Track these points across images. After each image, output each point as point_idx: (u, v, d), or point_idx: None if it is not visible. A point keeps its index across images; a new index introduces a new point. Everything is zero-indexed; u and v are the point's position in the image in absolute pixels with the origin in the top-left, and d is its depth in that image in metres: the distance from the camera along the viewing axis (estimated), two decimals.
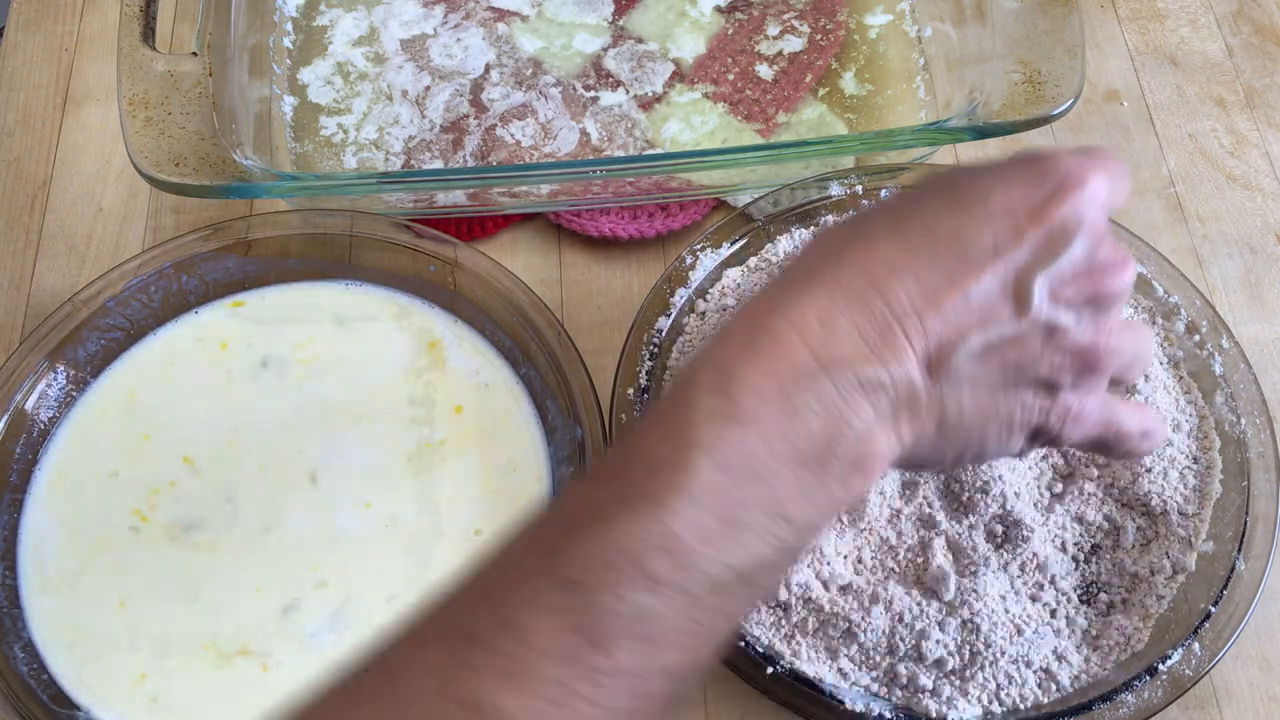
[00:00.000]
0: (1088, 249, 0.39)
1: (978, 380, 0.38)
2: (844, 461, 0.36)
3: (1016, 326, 0.38)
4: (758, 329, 0.37)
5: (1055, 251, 0.38)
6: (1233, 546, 0.52)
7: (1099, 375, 0.40)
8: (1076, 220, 0.38)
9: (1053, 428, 0.40)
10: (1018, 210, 0.38)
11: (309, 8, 0.71)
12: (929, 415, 0.38)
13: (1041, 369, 0.39)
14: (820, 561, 0.51)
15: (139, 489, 0.56)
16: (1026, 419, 0.40)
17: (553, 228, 0.66)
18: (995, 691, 0.49)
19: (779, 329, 0.36)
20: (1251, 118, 0.70)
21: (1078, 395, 0.40)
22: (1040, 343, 0.39)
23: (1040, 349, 0.39)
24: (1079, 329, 0.39)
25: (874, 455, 0.37)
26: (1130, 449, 0.44)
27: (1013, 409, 0.39)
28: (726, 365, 0.36)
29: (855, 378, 0.36)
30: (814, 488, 0.36)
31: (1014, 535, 0.52)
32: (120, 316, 0.59)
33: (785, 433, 0.35)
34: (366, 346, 0.60)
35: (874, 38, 0.70)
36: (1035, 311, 0.38)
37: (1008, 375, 0.39)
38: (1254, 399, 0.55)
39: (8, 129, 0.69)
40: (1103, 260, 0.39)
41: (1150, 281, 0.59)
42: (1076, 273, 0.39)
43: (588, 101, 0.68)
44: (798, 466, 0.35)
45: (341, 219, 0.61)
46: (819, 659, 0.50)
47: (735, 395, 0.35)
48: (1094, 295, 0.39)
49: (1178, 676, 0.49)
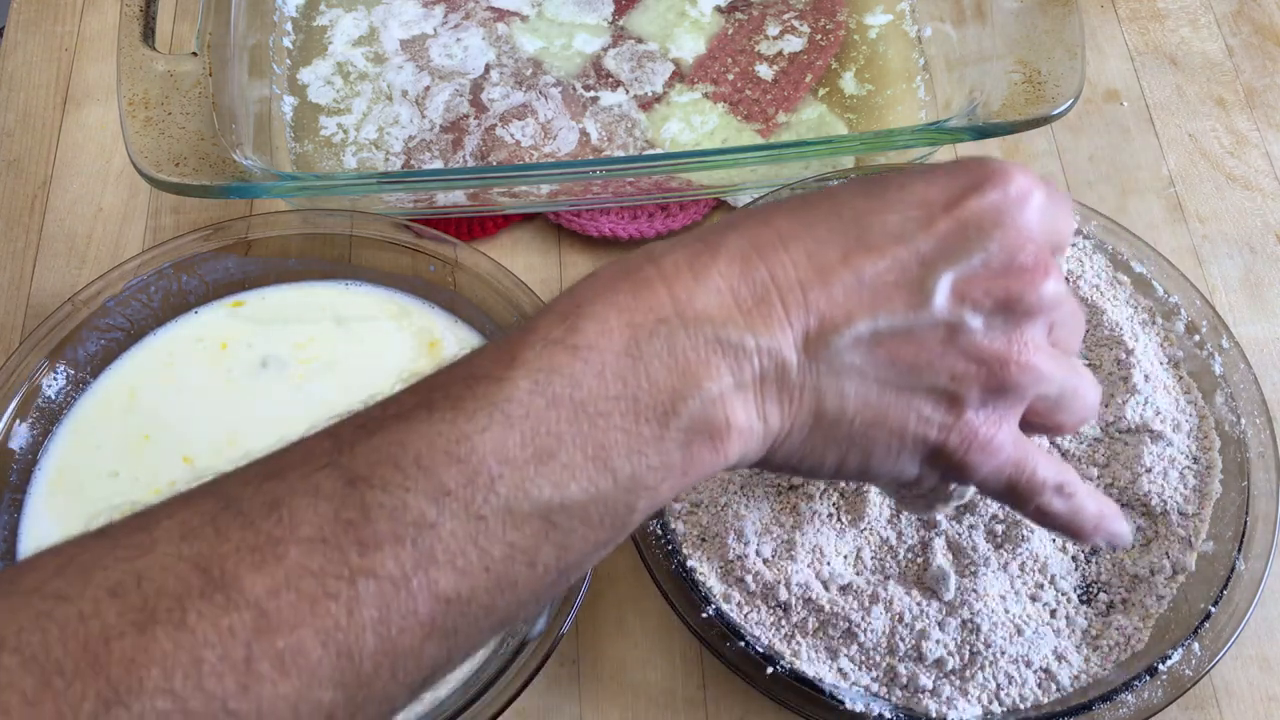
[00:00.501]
0: (1007, 250, 0.35)
1: (864, 373, 0.35)
2: (690, 423, 0.33)
3: (912, 318, 0.35)
4: (626, 271, 0.34)
5: (967, 245, 0.35)
6: (1233, 546, 0.52)
7: (1010, 396, 0.36)
8: (995, 216, 0.35)
9: (954, 450, 0.36)
10: (934, 201, 0.36)
11: (309, 8, 0.71)
12: (803, 400, 0.35)
13: (940, 375, 0.35)
14: (820, 561, 0.51)
15: (139, 489, 0.56)
16: (921, 433, 0.36)
17: (553, 228, 0.66)
18: (995, 691, 0.49)
19: (647, 273, 0.34)
20: (1251, 118, 0.70)
21: (986, 417, 0.36)
22: (940, 343, 0.35)
23: (940, 350, 0.35)
24: (986, 335, 0.35)
25: (728, 426, 0.34)
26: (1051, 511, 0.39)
27: (904, 416, 0.36)
28: (580, 298, 0.34)
29: (715, 335, 0.33)
30: (648, 442, 0.32)
31: (1014, 535, 0.52)
32: (120, 316, 0.59)
33: (623, 374, 0.32)
34: (366, 346, 0.60)
35: (874, 38, 0.70)
36: (935, 305, 0.35)
37: (901, 375, 0.35)
38: (1254, 399, 0.55)
39: (7, 129, 0.69)
40: (1021, 263, 0.35)
41: (1150, 281, 0.59)
42: (991, 274, 0.35)
43: (588, 101, 0.68)
44: (632, 414, 0.32)
45: (341, 219, 0.61)
46: (819, 659, 0.50)
47: (578, 325, 0.33)
48: (1006, 299, 0.35)
49: (1177, 676, 0.49)
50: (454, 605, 0.31)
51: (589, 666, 0.53)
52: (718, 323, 0.33)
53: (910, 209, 0.35)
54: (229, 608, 0.28)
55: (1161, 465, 0.54)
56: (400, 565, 0.30)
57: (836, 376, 0.35)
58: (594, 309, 0.33)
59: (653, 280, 0.34)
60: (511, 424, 0.31)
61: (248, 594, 0.29)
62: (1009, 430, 0.37)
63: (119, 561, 0.29)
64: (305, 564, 0.29)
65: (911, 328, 0.35)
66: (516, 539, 0.31)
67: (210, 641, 0.28)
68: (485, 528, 0.31)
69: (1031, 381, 0.36)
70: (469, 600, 0.31)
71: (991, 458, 0.37)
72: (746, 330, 0.34)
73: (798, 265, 0.34)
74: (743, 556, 0.51)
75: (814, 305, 0.34)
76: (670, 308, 0.33)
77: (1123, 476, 0.54)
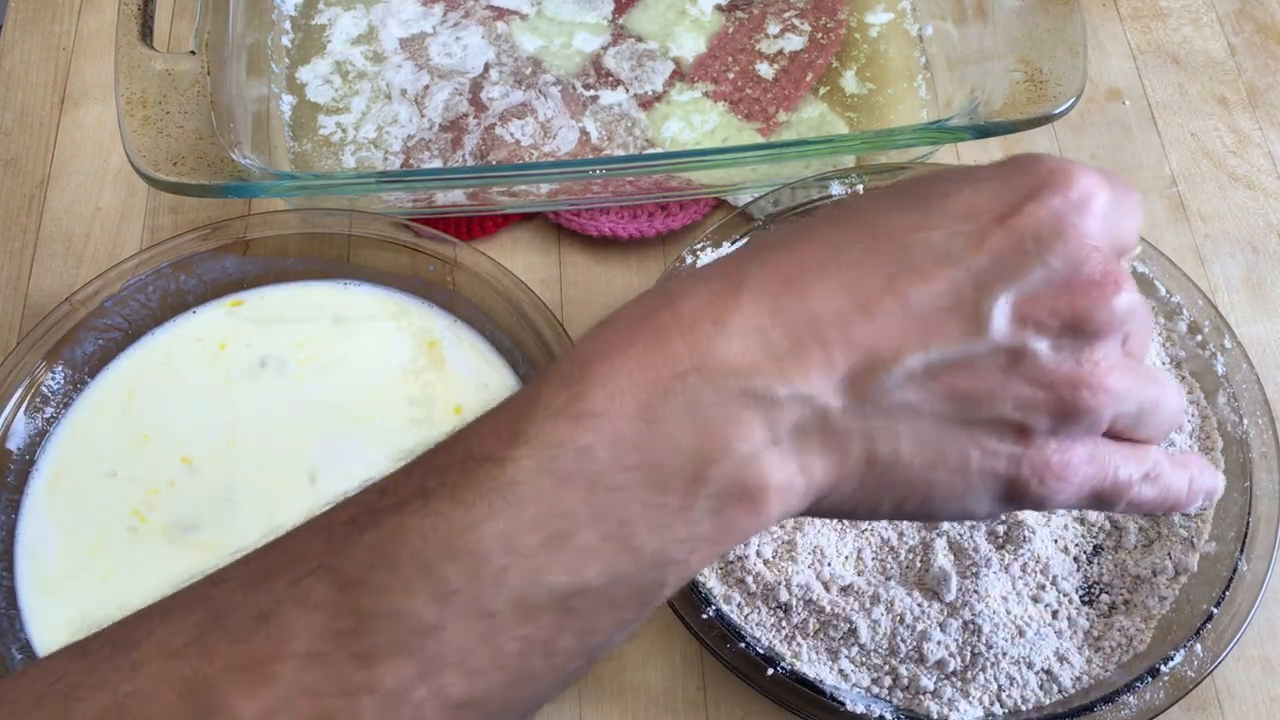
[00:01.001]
0: (1071, 263, 0.32)
1: (919, 411, 0.31)
2: (720, 489, 0.30)
3: (970, 347, 0.31)
4: (641, 319, 0.31)
5: (1025, 261, 0.31)
6: (1235, 547, 0.52)
7: (1084, 421, 0.33)
8: (1055, 225, 0.32)
9: (1027, 482, 0.33)
10: (983, 211, 0.32)
11: (307, 6, 0.71)
12: (852, 449, 0.31)
13: (1005, 405, 0.32)
14: (821, 562, 0.51)
15: (137, 489, 0.56)
16: (990, 468, 0.33)
17: (552, 227, 0.65)
18: (997, 693, 0.49)
19: (662, 320, 0.31)
20: (1254, 117, 0.69)
21: (1059, 445, 0.33)
22: (1002, 371, 0.32)
23: (1002, 378, 0.32)
24: (1053, 359, 0.32)
25: (764, 488, 0.30)
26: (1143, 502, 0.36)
27: (967, 453, 0.32)
28: (588, 357, 0.30)
29: (743, 388, 0.30)
30: (673, 514, 0.29)
31: (1015, 536, 0.52)
32: (118, 316, 0.59)
33: (640, 443, 0.29)
34: (365, 346, 0.60)
35: (875, 36, 0.70)
36: (994, 330, 0.31)
37: (960, 409, 0.32)
38: (1256, 399, 0.55)
39: (5, 128, 0.69)
40: (1088, 277, 0.32)
41: (1152, 281, 0.58)
42: (1054, 291, 0.32)
43: (587, 100, 0.68)
44: (653, 486, 0.29)
45: (340, 218, 0.61)
46: (820, 660, 0.50)
47: (585, 391, 0.30)
48: (1074, 319, 0.32)
49: (1180, 678, 0.49)
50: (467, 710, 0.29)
51: None
52: (745, 373, 0.30)
53: (958, 223, 0.32)
54: None
55: None
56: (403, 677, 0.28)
57: (888, 418, 0.31)
58: (602, 370, 0.30)
59: (668, 330, 0.30)
60: (517, 510, 0.29)
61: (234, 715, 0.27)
62: (1084, 450, 0.34)
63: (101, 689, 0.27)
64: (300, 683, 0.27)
65: (969, 357, 0.31)
66: (531, 632, 0.29)
67: None
68: (496, 624, 0.28)
69: (1108, 404, 0.33)
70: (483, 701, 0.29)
71: (1069, 484, 0.34)
72: (779, 378, 0.30)
73: (834, 298, 0.31)
74: (743, 557, 0.51)
75: (857, 342, 0.30)
76: (689, 361, 0.30)
77: None
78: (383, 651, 0.28)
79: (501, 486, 0.29)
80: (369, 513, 0.30)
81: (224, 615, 0.28)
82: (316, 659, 0.27)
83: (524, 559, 0.28)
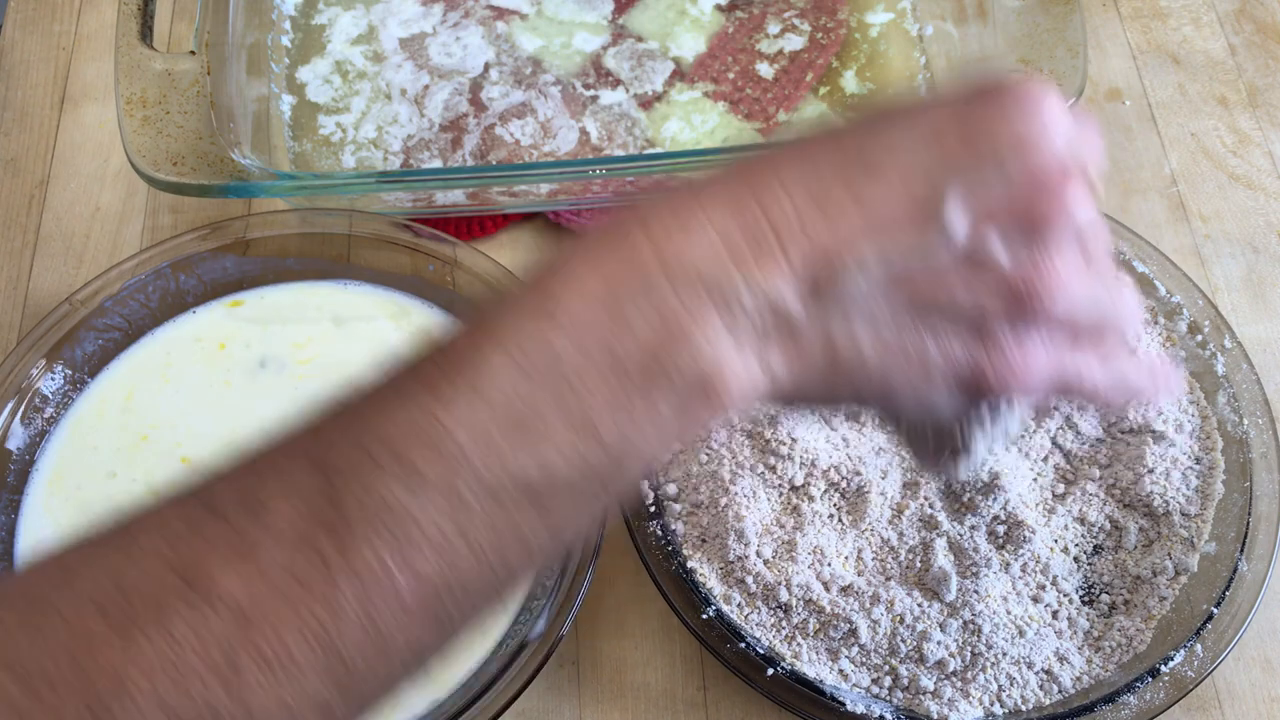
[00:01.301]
0: (1028, 170, 0.32)
1: (878, 309, 0.32)
2: (680, 381, 0.31)
3: (926, 245, 0.32)
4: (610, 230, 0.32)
5: (985, 168, 0.32)
6: (1235, 547, 0.52)
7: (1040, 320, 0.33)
8: (1016, 137, 0.32)
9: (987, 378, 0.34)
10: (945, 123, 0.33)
11: (307, 6, 0.71)
12: (812, 344, 0.32)
13: (963, 304, 0.33)
14: (821, 563, 0.51)
15: (137, 490, 0.56)
16: (949, 364, 0.33)
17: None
18: (997, 693, 0.49)
19: (631, 230, 0.32)
20: (1254, 117, 0.69)
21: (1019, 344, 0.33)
22: (960, 271, 0.33)
23: (961, 279, 0.33)
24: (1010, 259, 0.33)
25: (722, 380, 0.31)
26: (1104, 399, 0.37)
27: (925, 349, 0.33)
28: (559, 263, 0.32)
29: (704, 286, 0.31)
30: (637, 406, 0.31)
31: (1016, 536, 0.52)
32: (118, 316, 0.59)
33: (606, 339, 0.31)
34: (365, 346, 0.60)
35: (875, 36, 0.70)
36: (952, 230, 0.32)
37: (919, 307, 0.33)
38: (1256, 399, 0.55)
39: (5, 128, 0.69)
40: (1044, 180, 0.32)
41: (1152, 281, 0.58)
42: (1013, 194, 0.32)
43: (587, 100, 0.67)
44: (618, 379, 0.31)
45: (340, 218, 0.61)
46: (820, 660, 0.50)
47: (556, 293, 0.31)
48: (1031, 221, 0.33)
49: (1180, 678, 0.49)
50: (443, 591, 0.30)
51: (589, 668, 0.53)
52: (706, 271, 0.31)
53: (921, 133, 0.33)
54: (208, 610, 0.28)
55: (1164, 466, 0.54)
56: (380, 558, 0.29)
57: (847, 315, 0.32)
58: (571, 272, 0.31)
59: (634, 235, 0.32)
60: (487, 402, 0.30)
61: (225, 595, 0.28)
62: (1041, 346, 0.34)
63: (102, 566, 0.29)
64: (283, 563, 0.29)
65: (926, 257, 0.32)
66: (502, 519, 0.30)
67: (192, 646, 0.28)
68: (467, 511, 0.30)
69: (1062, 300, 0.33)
70: (458, 584, 0.30)
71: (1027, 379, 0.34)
72: (739, 275, 0.31)
73: (795, 200, 0.32)
74: (743, 558, 0.51)
75: (816, 240, 0.32)
76: (654, 262, 0.31)
77: (1125, 477, 0.54)
78: (361, 533, 0.29)
79: (472, 381, 0.30)
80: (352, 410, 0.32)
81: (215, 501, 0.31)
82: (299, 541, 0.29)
83: (492, 450, 0.30)
